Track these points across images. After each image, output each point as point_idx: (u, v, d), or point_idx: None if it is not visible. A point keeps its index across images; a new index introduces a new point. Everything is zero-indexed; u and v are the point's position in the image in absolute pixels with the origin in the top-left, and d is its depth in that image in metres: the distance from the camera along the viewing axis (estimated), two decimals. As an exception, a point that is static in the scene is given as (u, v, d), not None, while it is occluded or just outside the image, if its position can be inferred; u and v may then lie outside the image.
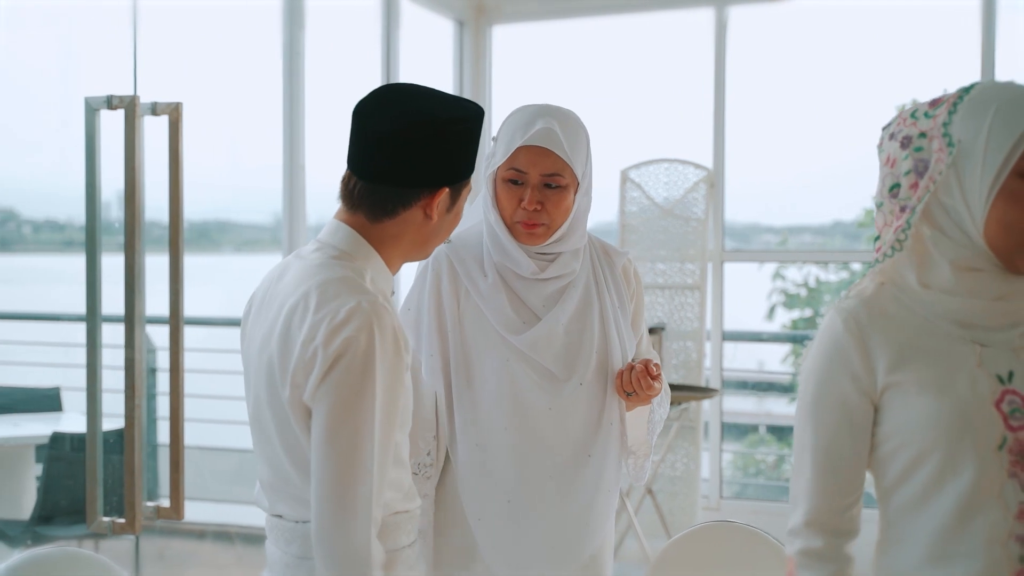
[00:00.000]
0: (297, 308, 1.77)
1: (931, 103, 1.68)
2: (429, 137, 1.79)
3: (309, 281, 1.79)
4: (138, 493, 3.56)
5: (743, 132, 5.78)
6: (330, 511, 1.69)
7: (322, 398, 1.71)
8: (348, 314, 1.71)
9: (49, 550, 2.26)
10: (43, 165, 5.49)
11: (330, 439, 1.69)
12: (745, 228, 11.19)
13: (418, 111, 1.80)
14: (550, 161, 2.18)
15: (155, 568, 5.22)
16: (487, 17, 5.88)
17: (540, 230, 2.22)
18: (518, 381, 2.21)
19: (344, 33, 5.35)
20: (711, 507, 5.57)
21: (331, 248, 1.85)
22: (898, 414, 1.64)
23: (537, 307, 2.27)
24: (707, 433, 5.64)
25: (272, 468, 1.85)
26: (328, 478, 1.69)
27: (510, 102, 2.35)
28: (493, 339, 2.23)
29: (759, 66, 6.18)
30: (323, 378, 1.70)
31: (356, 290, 1.75)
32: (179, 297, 3.61)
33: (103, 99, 3.50)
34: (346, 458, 1.69)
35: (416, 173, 1.81)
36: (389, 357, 1.72)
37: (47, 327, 6.88)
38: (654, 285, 5.53)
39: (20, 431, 5.21)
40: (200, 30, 5.24)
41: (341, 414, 1.69)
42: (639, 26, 6.04)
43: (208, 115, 5.71)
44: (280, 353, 1.77)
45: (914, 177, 1.66)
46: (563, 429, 2.23)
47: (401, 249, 1.88)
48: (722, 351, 5.65)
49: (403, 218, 1.84)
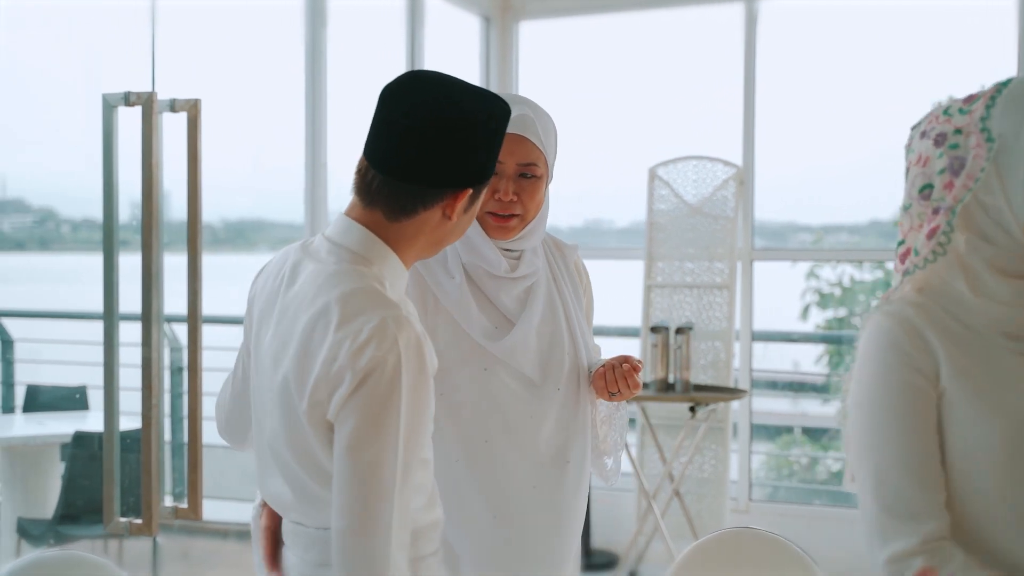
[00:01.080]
0: (317, 324, 1.68)
1: (965, 99, 1.59)
2: (460, 134, 1.70)
3: (328, 293, 1.70)
4: (155, 493, 3.54)
5: (773, 129, 5.70)
6: (351, 529, 1.64)
7: (347, 416, 1.65)
8: (371, 333, 1.63)
9: (52, 553, 2.22)
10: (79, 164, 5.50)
11: (353, 457, 1.64)
12: (781, 227, 11.09)
13: (451, 104, 1.70)
14: (526, 150, 2.11)
15: (178, 568, 5.21)
16: (514, 13, 5.82)
17: (514, 222, 2.14)
18: (498, 390, 2.13)
19: (367, 30, 5.32)
20: (740, 509, 5.49)
21: (346, 251, 1.74)
22: (950, 429, 1.54)
23: (508, 309, 2.18)
24: (736, 434, 5.56)
25: (287, 479, 1.79)
26: (350, 496, 1.64)
27: (537, 100, 2.26)
28: (469, 348, 2.14)
29: (789, 61, 6.09)
30: (348, 398, 1.64)
31: (379, 304, 1.67)
32: (197, 296, 3.57)
33: (121, 96, 3.48)
34: (369, 477, 1.64)
35: (444, 171, 1.71)
36: (413, 372, 1.66)
37: (80, 325, 6.89)
38: (682, 284, 5.46)
39: (45, 430, 5.21)
40: (222, 29, 5.23)
41: (365, 433, 1.64)
42: (668, 21, 5.98)
43: (237, 115, 5.69)
44: (298, 369, 1.70)
45: (949, 176, 1.56)
46: (543, 436, 2.16)
47: (416, 249, 1.79)
48: (751, 351, 5.57)
49: (422, 218, 1.74)
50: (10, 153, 6.48)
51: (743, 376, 5.51)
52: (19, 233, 26.16)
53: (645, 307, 5.50)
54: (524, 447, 2.14)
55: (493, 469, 2.13)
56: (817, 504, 6.48)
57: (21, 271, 12.78)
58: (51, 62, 5.31)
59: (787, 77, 5.98)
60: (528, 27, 5.89)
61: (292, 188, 4.73)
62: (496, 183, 2.11)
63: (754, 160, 5.46)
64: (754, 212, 5.51)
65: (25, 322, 7.13)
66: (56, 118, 5.08)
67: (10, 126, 5.81)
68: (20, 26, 4.69)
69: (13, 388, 6.60)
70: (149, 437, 3.52)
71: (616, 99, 6.12)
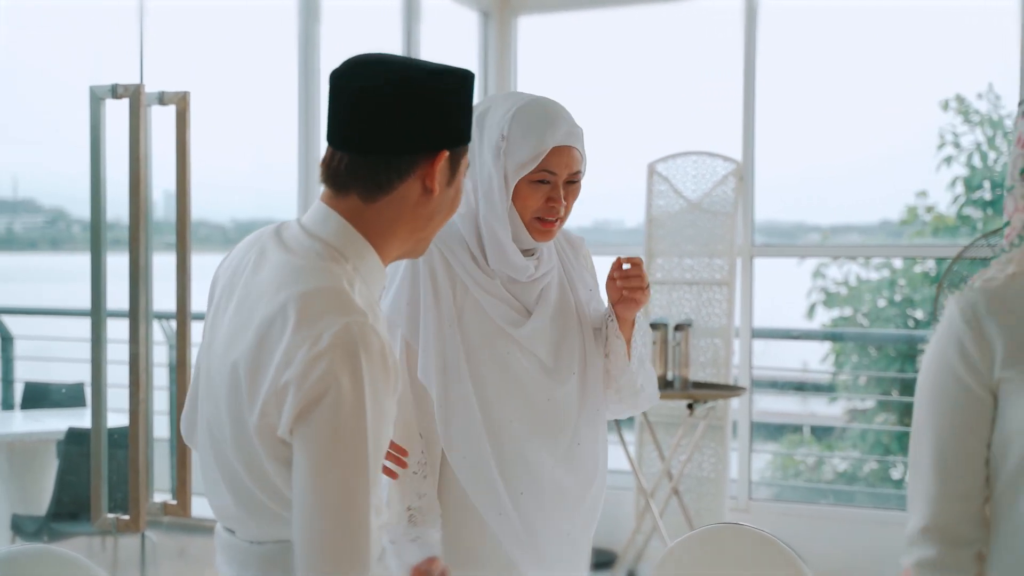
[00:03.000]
0: (275, 321, 1.55)
1: None
2: (419, 93, 1.57)
3: (290, 288, 1.57)
4: (143, 490, 3.52)
5: (775, 125, 5.66)
6: (324, 564, 1.51)
7: (304, 438, 1.51)
8: (331, 341, 1.50)
9: (21, 548, 2.20)
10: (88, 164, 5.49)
11: (320, 485, 1.50)
12: (791, 227, 11.04)
13: (406, 68, 1.59)
14: (575, 159, 2.20)
15: (174, 566, 5.18)
16: (512, 8, 5.79)
17: (556, 225, 2.24)
18: (518, 375, 2.23)
19: (362, 26, 5.28)
20: (739, 508, 5.44)
21: (320, 243, 1.62)
22: (1009, 414, 1.51)
23: (527, 303, 2.29)
24: (736, 432, 5.52)
25: (230, 484, 1.67)
26: (320, 529, 1.50)
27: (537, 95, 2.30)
28: (493, 332, 2.23)
29: (790, 56, 6.05)
30: (301, 415, 1.50)
31: (343, 308, 1.53)
32: (186, 292, 3.55)
33: (108, 88, 3.45)
34: (342, 507, 1.50)
35: (410, 135, 1.58)
36: (379, 387, 1.53)
37: (82, 322, 6.89)
38: (681, 281, 5.42)
39: (41, 426, 5.20)
40: (216, 26, 5.20)
41: (329, 459, 1.50)
42: (667, 16, 5.94)
43: (238, 114, 5.66)
44: (250, 369, 1.57)
45: None
46: (559, 420, 2.26)
47: (398, 238, 1.65)
48: (751, 349, 5.53)
49: (401, 193, 1.60)
50: (20, 153, 6.48)
51: (743, 374, 5.47)
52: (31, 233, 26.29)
53: (644, 304, 5.46)
54: (542, 428, 2.24)
55: (519, 448, 2.21)
56: (822, 504, 6.44)
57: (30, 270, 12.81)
58: (57, 59, 5.30)
59: (788, 72, 5.95)
60: (527, 22, 5.86)
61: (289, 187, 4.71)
62: (550, 191, 2.19)
63: (754, 156, 5.42)
64: (754, 209, 5.47)
65: (25, 319, 7.14)
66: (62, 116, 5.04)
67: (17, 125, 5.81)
68: (18, 24, 4.68)
69: (12, 385, 6.60)
70: (137, 434, 3.50)
71: (615, 94, 6.09)
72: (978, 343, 1.52)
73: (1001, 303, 1.52)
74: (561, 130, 2.17)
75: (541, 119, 2.17)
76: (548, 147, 2.15)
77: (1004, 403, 1.51)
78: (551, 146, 2.16)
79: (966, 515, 1.54)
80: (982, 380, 1.52)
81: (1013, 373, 1.50)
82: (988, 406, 1.53)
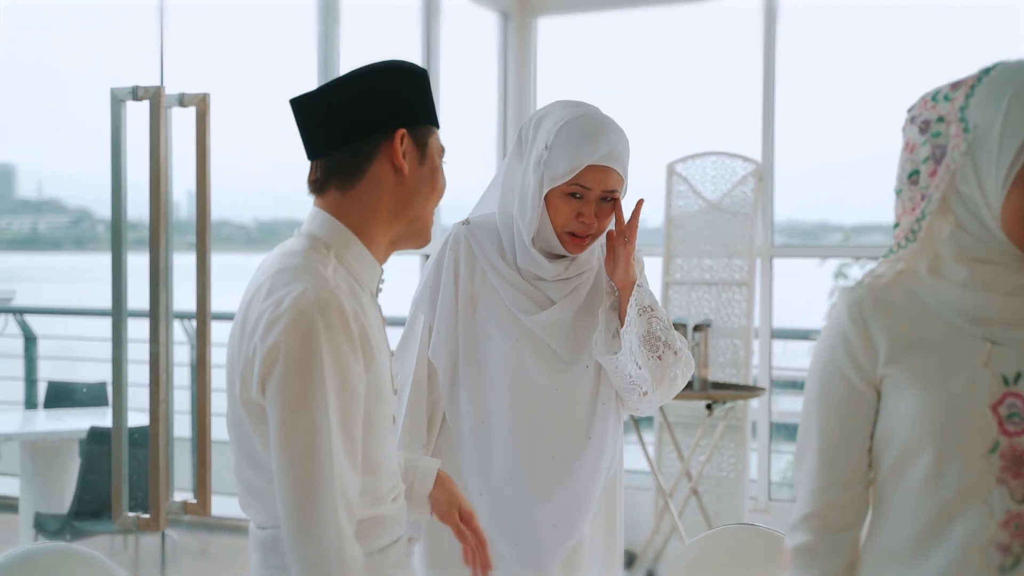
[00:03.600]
0: (254, 299, 1.70)
1: (952, 85, 1.58)
2: (362, 84, 1.73)
3: (271, 269, 1.72)
4: (163, 489, 3.54)
5: (795, 125, 5.64)
6: (295, 518, 1.61)
7: (270, 397, 1.62)
8: (290, 303, 1.62)
9: (42, 546, 2.22)
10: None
11: (284, 442, 1.61)
12: (814, 227, 11.02)
13: (346, 74, 1.77)
14: (612, 180, 2.24)
15: (197, 564, 5.22)
16: (532, 9, 5.79)
17: (588, 240, 2.29)
18: (525, 361, 2.28)
19: (382, 27, 5.31)
20: (759, 509, 5.44)
21: (307, 237, 1.76)
22: (891, 408, 1.57)
23: (555, 296, 2.34)
24: (756, 433, 5.51)
25: (238, 473, 1.77)
26: (288, 483, 1.61)
27: (555, 96, 2.37)
28: (505, 319, 2.30)
29: (810, 56, 6.03)
30: (266, 375, 1.62)
31: (307, 276, 1.66)
32: (206, 292, 3.57)
33: (128, 90, 3.48)
34: (303, 460, 1.60)
35: (362, 121, 1.72)
36: (340, 345, 1.62)
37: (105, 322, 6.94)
38: (700, 281, 5.41)
39: (63, 425, 5.25)
40: (235, 27, 5.23)
41: (292, 414, 1.60)
42: (686, 16, 5.93)
43: (261, 116, 5.69)
44: (236, 346, 1.71)
45: (932, 164, 1.57)
46: (566, 411, 2.29)
47: (382, 220, 1.77)
48: (771, 349, 5.52)
49: (373, 176, 1.74)
50: (45, 154, 6.54)
51: (763, 374, 5.46)
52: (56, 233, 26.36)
53: (663, 304, 5.46)
54: (547, 418, 2.28)
55: (511, 436, 2.27)
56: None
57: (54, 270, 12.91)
58: (79, 62, 5.35)
59: (808, 72, 5.92)
60: (546, 23, 5.86)
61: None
62: (581, 206, 2.24)
63: (773, 156, 5.41)
64: (774, 209, 5.46)
65: (49, 319, 7.20)
66: (86, 118, 5.10)
67: (41, 127, 5.86)
68: (42, 28, 4.72)
69: (36, 384, 6.66)
70: (157, 433, 3.53)
71: (634, 95, 6.08)
72: (863, 340, 1.58)
73: (887, 301, 1.58)
74: (601, 151, 2.20)
75: (583, 136, 2.21)
76: (583, 165, 2.20)
77: (886, 398, 1.58)
78: (586, 164, 2.20)
79: (845, 503, 1.62)
80: (866, 376, 1.59)
81: (895, 370, 1.56)
82: (871, 401, 1.59)
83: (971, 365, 1.53)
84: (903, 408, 1.55)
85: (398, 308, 2.43)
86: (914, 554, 1.54)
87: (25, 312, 6.94)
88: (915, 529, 1.55)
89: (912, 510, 1.55)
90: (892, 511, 1.58)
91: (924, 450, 1.53)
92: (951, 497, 1.51)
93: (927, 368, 1.54)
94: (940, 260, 1.57)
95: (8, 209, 31.19)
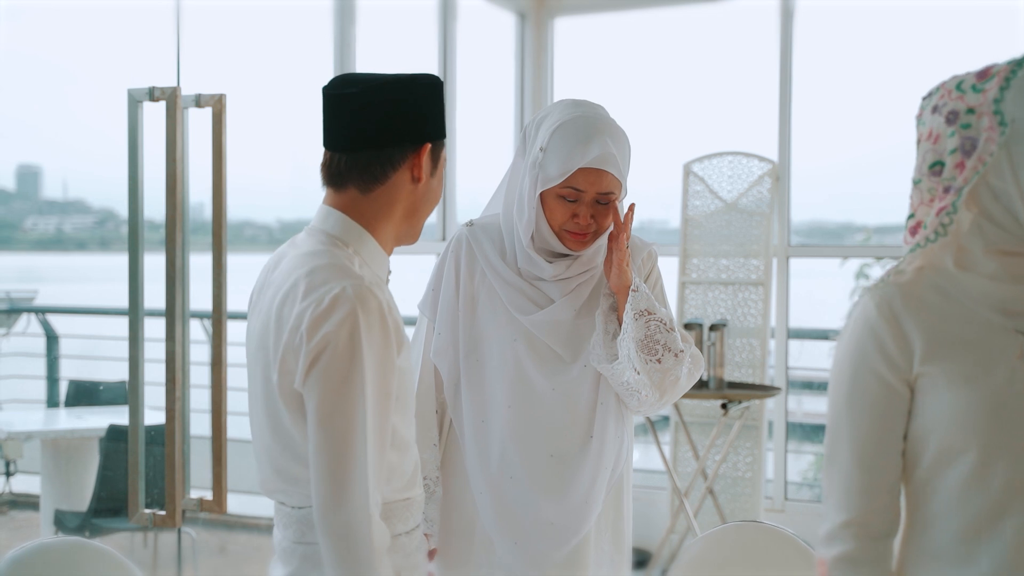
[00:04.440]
0: (288, 296, 1.79)
1: (979, 75, 1.54)
2: (400, 94, 1.82)
3: (300, 269, 1.81)
4: (179, 486, 3.58)
5: (814, 123, 5.63)
6: (327, 496, 1.72)
7: (312, 387, 1.73)
8: (332, 301, 1.73)
9: (54, 540, 2.25)
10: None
11: (323, 427, 1.72)
12: (838, 227, 10.99)
13: (384, 77, 1.85)
14: (606, 182, 2.24)
15: (216, 561, 5.26)
16: (549, 9, 5.80)
17: (589, 237, 2.29)
18: (523, 361, 2.28)
19: (398, 28, 5.32)
20: (775, 509, 5.43)
21: (323, 235, 1.86)
22: (931, 407, 1.53)
23: (555, 296, 2.34)
24: (772, 433, 5.50)
25: (269, 458, 1.87)
26: (323, 465, 1.72)
27: (573, 96, 2.36)
28: (503, 318, 2.31)
29: (828, 56, 6.01)
30: (310, 367, 1.73)
31: (343, 275, 1.76)
32: (222, 291, 3.61)
33: (145, 91, 3.51)
34: (339, 445, 1.72)
35: (396, 130, 1.83)
36: (377, 340, 1.74)
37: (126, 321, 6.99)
38: (717, 281, 5.41)
39: (84, 423, 5.29)
40: (251, 28, 5.26)
41: (331, 402, 1.72)
42: (702, 16, 5.92)
43: (280, 117, 5.72)
44: (273, 342, 1.80)
45: (960, 156, 1.53)
46: (566, 410, 2.29)
47: (393, 222, 1.89)
48: (787, 349, 5.51)
49: (394, 182, 1.85)
50: (69, 156, 6.60)
51: (779, 374, 5.45)
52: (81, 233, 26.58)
53: (679, 304, 5.47)
54: (546, 417, 2.28)
55: (510, 435, 2.27)
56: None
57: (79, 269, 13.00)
58: (102, 64, 5.40)
59: (826, 72, 5.90)
60: (563, 23, 5.87)
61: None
62: (575, 208, 2.25)
63: (790, 156, 5.40)
64: (790, 209, 5.46)
65: (71, 319, 7.26)
66: (110, 119, 5.14)
67: (66, 129, 5.91)
68: (66, 32, 4.76)
69: (57, 383, 6.72)
70: (173, 430, 3.56)
71: (651, 95, 6.09)
72: (896, 338, 1.54)
73: (917, 298, 1.55)
74: (592, 154, 2.19)
75: (576, 139, 2.21)
76: (574, 168, 2.20)
77: (922, 397, 1.54)
78: (577, 167, 2.20)
79: (883, 507, 1.57)
80: (901, 374, 1.55)
81: (932, 368, 1.52)
82: (905, 400, 1.55)
83: (1007, 359, 1.50)
84: (942, 406, 1.52)
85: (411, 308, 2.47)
86: (962, 555, 1.51)
87: (46, 311, 7.01)
88: (960, 529, 1.51)
89: (956, 510, 1.51)
90: (933, 512, 1.55)
91: (968, 448, 1.50)
92: (998, 494, 1.48)
93: (965, 365, 1.51)
94: (966, 253, 1.55)
95: (34, 210, 31.46)
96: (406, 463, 1.88)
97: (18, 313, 7.12)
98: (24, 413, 6.17)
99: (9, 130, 46.35)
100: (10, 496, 6.48)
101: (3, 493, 6.46)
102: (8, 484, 6.45)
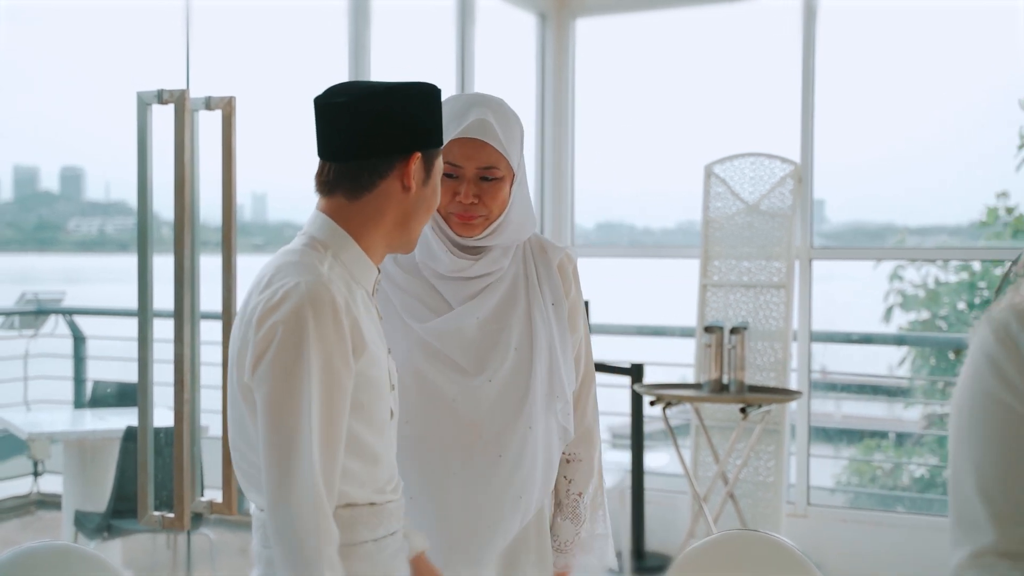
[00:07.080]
0: (253, 292, 1.81)
1: None
2: (389, 103, 1.82)
3: (270, 266, 1.83)
4: (187, 488, 3.58)
5: (839, 123, 5.57)
6: (273, 491, 1.71)
7: (259, 380, 1.72)
8: (284, 294, 1.73)
9: (40, 545, 2.25)
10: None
11: (268, 420, 1.71)
12: (880, 228, 10.87)
13: (378, 86, 1.85)
14: (485, 154, 2.12)
15: (232, 562, 5.26)
16: (570, 10, 5.77)
17: (478, 221, 2.15)
18: (422, 370, 2.16)
19: (415, 29, 5.30)
20: (798, 514, 5.36)
21: (305, 237, 1.87)
22: None
23: (455, 302, 2.20)
24: (795, 437, 5.44)
25: (238, 459, 1.86)
26: (270, 459, 1.71)
27: (594, 98, 2.29)
28: (400, 329, 2.18)
29: (852, 56, 5.94)
30: (257, 360, 1.72)
31: (303, 272, 1.76)
32: (231, 293, 3.61)
33: (154, 93, 3.52)
34: (284, 438, 1.70)
35: (385, 139, 1.82)
36: (329, 336, 1.72)
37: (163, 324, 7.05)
38: (738, 284, 5.36)
39: (104, 424, 5.32)
40: (263, 30, 5.27)
41: (277, 395, 1.71)
42: (724, 16, 5.87)
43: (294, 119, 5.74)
44: (236, 336, 1.81)
45: None
46: (471, 423, 2.16)
47: (383, 231, 1.87)
48: (810, 352, 5.44)
49: (382, 191, 1.84)
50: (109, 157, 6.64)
51: (801, 377, 5.39)
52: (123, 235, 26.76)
53: (700, 306, 5.42)
54: (451, 429, 2.15)
55: (410, 450, 2.14)
56: (892, 511, 6.31)
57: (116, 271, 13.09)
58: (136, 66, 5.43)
59: (847, 71, 5.83)
60: (584, 24, 5.83)
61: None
62: (456, 186, 2.13)
63: (812, 157, 5.34)
64: (812, 210, 5.39)
65: (98, 320, 7.32)
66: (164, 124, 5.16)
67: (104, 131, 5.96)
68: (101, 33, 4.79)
69: (84, 384, 6.77)
70: (181, 432, 3.57)
71: (672, 96, 6.05)
72: (1015, 362, 1.48)
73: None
74: (468, 121, 2.10)
75: (453, 112, 2.12)
76: (449, 138, 2.09)
77: None
78: (452, 138, 2.10)
79: (1016, 534, 1.48)
80: (1022, 398, 1.48)
81: None
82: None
83: None
84: None
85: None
86: None
87: (73, 313, 7.07)
88: None
89: None
90: None
91: None
92: None
93: None
94: None
95: (77, 211, 31.87)
96: (379, 474, 1.83)
97: (46, 315, 7.18)
98: (51, 414, 6.21)
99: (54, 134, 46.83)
100: (38, 496, 6.53)
101: (31, 493, 6.52)
102: (36, 484, 6.50)
